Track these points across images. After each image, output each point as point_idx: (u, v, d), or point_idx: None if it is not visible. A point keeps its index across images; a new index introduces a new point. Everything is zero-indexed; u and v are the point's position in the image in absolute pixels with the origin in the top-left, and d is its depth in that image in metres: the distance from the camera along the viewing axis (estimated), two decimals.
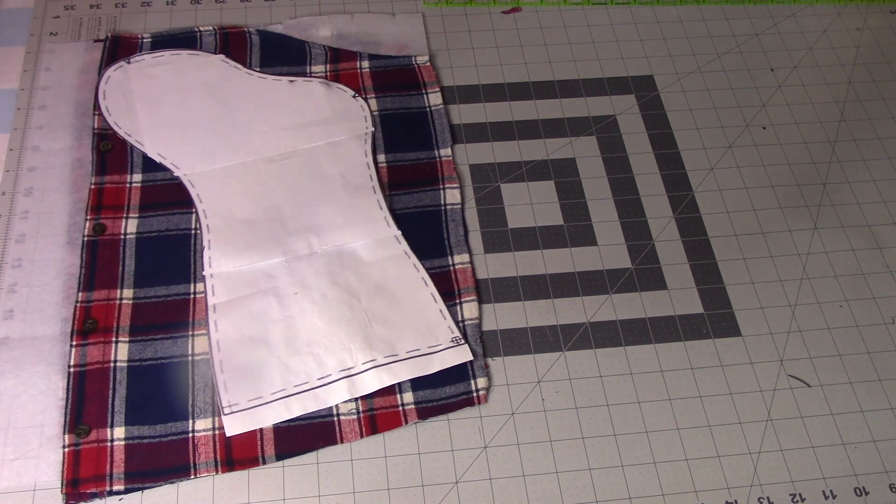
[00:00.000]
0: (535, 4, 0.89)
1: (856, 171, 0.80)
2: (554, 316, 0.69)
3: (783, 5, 0.91)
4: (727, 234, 0.74)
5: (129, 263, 0.68)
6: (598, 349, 0.68)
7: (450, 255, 0.70)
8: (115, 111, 0.76)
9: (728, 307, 0.70)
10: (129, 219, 0.70)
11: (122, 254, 0.68)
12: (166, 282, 0.67)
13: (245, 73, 0.79)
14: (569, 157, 0.78)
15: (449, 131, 0.77)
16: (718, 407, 0.66)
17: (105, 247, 0.69)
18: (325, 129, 0.76)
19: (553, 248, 0.73)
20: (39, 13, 0.83)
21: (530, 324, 0.69)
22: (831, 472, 0.63)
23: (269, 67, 0.80)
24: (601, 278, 0.71)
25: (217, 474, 0.60)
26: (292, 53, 0.81)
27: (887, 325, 0.71)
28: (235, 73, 0.79)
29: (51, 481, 0.59)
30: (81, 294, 0.66)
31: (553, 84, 0.83)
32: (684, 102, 0.83)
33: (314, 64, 0.80)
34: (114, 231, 0.69)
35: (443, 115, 0.78)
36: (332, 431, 0.62)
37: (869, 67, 0.87)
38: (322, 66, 0.80)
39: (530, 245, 0.73)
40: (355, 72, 0.80)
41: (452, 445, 0.63)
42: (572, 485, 0.62)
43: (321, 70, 0.80)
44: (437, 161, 0.75)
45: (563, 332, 0.68)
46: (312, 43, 0.81)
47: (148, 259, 0.68)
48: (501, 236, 0.73)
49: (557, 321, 0.69)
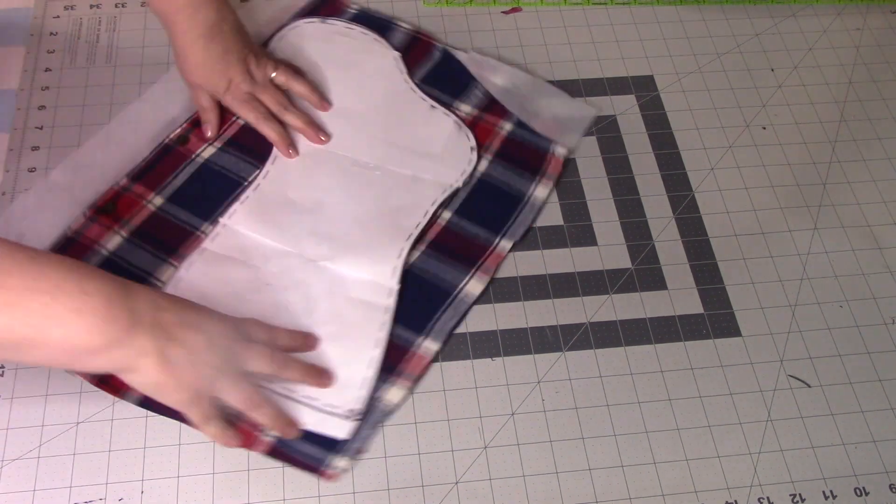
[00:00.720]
0: (535, 4, 0.89)
1: (856, 171, 0.80)
2: (554, 316, 0.69)
3: (783, 5, 0.91)
4: (727, 234, 0.74)
5: (180, 178, 0.72)
6: (598, 349, 0.68)
7: (423, 338, 0.66)
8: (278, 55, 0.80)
9: (728, 307, 0.70)
10: (211, 146, 0.75)
11: (181, 168, 0.73)
12: (191, 209, 0.70)
13: (403, 79, 0.79)
14: (569, 156, 0.78)
15: (525, 227, 0.72)
16: (718, 407, 0.66)
17: (174, 156, 0.73)
18: (421, 162, 0.75)
19: (553, 248, 0.73)
20: (39, 13, 0.83)
21: (530, 324, 0.69)
22: (831, 472, 0.63)
23: (426, 85, 0.80)
24: (601, 278, 0.71)
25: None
26: (455, 83, 0.80)
27: (887, 325, 0.71)
28: (396, 75, 0.80)
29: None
30: (124, 180, 0.71)
31: (553, 84, 0.83)
32: (684, 102, 0.83)
33: (465, 102, 0.79)
34: (191, 148, 0.74)
35: (535, 209, 0.73)
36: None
37: (869, 67, 0.87)
38: (470, 107, 0.79)
39: (530, 245, 0.73)
40: (493, 129, 0.77)
41: (452, 445, 0.63)
42: (572, 485, 0.62)
43: (467, 110, 0.79)
44: (491, 251, 0.71)
45: (563, 332, 0.68)
46: (478, 83, 0.80)
47: (196, 184, 0.72)
48: None
49: (557, 321, 0.69)
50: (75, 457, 0.60)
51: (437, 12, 0.87)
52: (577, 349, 0.68)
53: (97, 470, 0.60)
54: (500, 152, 0.76)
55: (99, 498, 0.59)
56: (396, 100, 0.79)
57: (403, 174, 0.74)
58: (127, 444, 0.61)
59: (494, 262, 0.70)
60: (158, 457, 0.61)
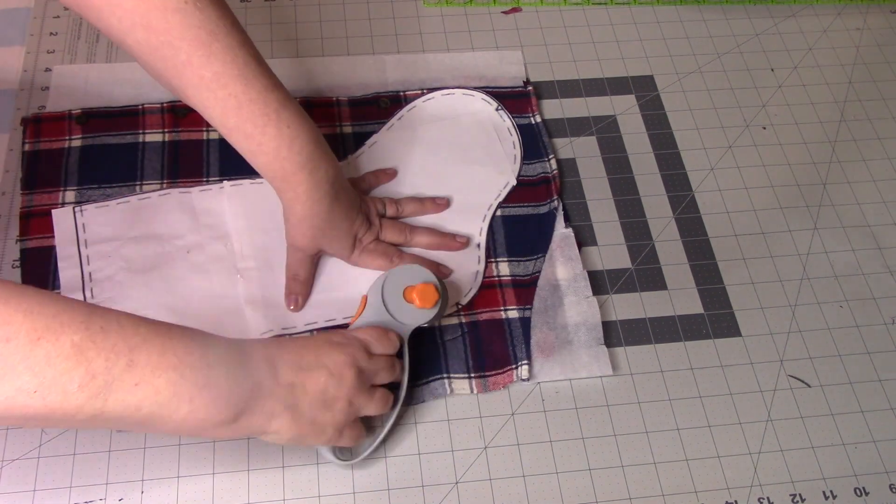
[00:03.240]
0: (535, 4, 0.89)
1: (856, 171, 0.80)
2: None
3: (783, 5, 0.91)
4: (727, 234, 0.74)
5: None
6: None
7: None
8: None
9: (728, 307, 0.70)
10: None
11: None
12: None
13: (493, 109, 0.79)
14: (569, 157, 0.78)
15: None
16: (718, 407, 0.66)
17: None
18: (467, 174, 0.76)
19: None
20: (39, 13, 0.83)
21: None
22: (831, 472, 0.63)
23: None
24: (601, 278, 0.71)
25: None
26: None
27: (887, 325, 0.71)
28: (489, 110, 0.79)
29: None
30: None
31: (553, 84, 0.83)
32: (684, 102, 0.83)
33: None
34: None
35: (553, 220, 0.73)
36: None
37: (869, 67, 0.87)
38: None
39: None
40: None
41: (452, 445, 0.63)
42: (572, 485, 0.62)
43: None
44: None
45: None
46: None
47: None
48: None
49: None
50: (75, 457, 0.60)
51: (437, 12, 0.87)
52: None
53: (97, 470, 0.60)
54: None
55: (99, 498, 0.59)
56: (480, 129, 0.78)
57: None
58: (127, 444, 0.61)
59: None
60: (158, 457, 0.61)
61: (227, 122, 0.59)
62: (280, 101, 0.60)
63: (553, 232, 0.72)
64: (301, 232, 0.64)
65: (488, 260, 0.70)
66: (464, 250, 0.70)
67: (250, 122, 0.59)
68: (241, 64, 0.58)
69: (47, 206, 0.70)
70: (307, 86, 0.80)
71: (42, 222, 0.69)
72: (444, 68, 0.82)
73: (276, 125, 0.59)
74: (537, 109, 0.80)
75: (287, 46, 0.83)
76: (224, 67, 0.57)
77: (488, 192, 0.74)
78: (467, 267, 0.70)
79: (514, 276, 0.70)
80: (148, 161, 0.73)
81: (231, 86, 0.57)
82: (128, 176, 0.72)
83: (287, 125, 0.60)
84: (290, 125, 0.60)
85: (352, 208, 0.66)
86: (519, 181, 0.75)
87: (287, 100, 0.61)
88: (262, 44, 0.83)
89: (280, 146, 0.60)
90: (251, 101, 0.58)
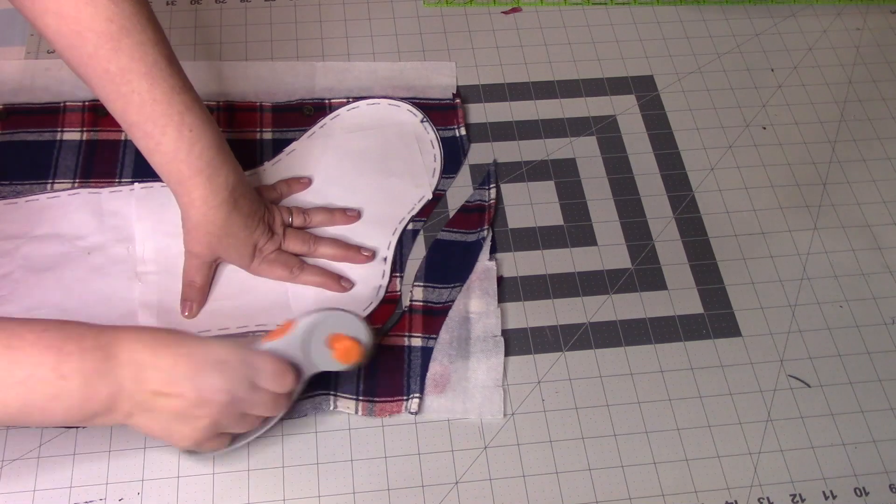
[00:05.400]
0: (535, 4, 0.89)
1: (856, 171, 0.80)
2: (554, 316, 0.69)
3: (783, 5, 0.91)
4: (727, 235, 0.74)
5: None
6: (598, 349, 0.68)
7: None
8: None
9: (728, 307, 0.70)
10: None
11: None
12: None
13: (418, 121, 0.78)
14: (569, 157, 0.78)
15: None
16: (718, 407, 0.66)
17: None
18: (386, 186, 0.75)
19: (553, 248, 0.73)
20: None
21: (530, 324, 0.69)
22: (831, 472, 0.63)
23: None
24: (601, 278, 0.71)
25: None
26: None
27: (887, 325, 0.71)
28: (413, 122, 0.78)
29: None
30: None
31: (553, 84, 0.83)
32: (684, 102, 0.83)
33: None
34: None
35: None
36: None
37: (869, 67, 0.87)
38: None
39: (530, 245, 0.73)
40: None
41: (452, 445, 0.63)
42: (572, 485, 0.62)
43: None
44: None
45: (563, 332, 0.68)
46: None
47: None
48: (502, 236, 0.73)
49: (557, 321, 0.69)
50: (75, 457, 0.60)
51: (437, 12, 0.87)
52: (577, 349, 0.68)
53: (97, 470, 0.60)
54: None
55: (99, 498, 0.59)
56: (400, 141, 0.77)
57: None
58: (127, 444, 0.61)
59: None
60: (158, 457, 0.61)
61: (127, 118, 0.59)
62: (186, 103, 0.59)
63: (476, 262, 0.71)
64: (196, 238, 0.64)
65: (393, 274, 0.70)
66: (369, 263, 0.70)
67: (151, 122, 0.59)
68: (150, 62, 0.58)
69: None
70: (233, 90, 0.79)
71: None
72: (373, 78, 0.81)
73: (177, 127, 0.59)
74: (463, 122, 0.78)
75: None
76: (131, 63, 0.57)
77: (402, 205, 0.73)
78: (370, 281, 0.69)
79: (426, 303, 0.68)
80: (63, 159, 0.73)
81: (136, 83, 0.58)
82: (42, 174, 0.72)
83: (189, 128, 0.59)
84: (192, 129, 0.60)
85: (252, 217, 0.65)
86: (460, 206, 0.74)
87: (194, 103, 0.60)
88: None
89: (179, 148, 0.60)
90: (154, 100, 0.58)
